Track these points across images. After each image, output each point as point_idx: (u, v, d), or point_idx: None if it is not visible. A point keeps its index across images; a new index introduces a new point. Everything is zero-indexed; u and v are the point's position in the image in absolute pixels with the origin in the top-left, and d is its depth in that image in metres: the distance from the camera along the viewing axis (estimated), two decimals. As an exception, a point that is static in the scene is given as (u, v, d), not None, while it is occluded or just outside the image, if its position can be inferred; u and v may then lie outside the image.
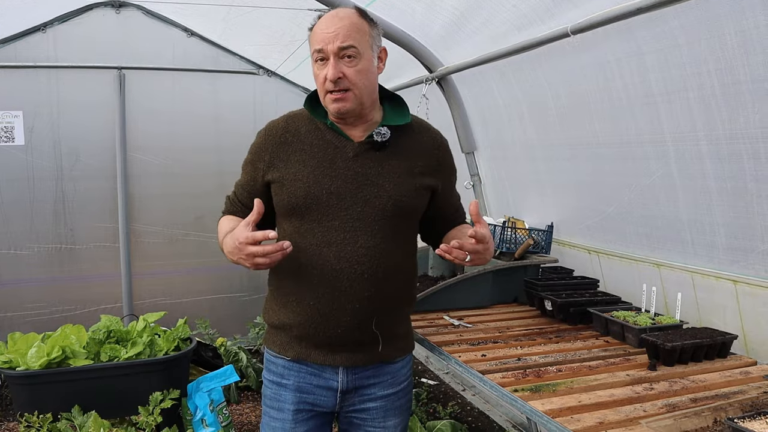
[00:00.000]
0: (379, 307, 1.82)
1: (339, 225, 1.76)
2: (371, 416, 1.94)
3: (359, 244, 1.76)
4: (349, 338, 1.82)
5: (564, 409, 1.84)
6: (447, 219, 2.03)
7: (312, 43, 1.76)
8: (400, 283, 1.88)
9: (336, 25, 1.73)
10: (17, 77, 4.52)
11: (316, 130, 1.83)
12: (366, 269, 1.76)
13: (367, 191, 1.77)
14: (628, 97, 2.55)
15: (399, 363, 1.97)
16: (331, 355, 1.84)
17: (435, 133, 1.96)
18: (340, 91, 1.72)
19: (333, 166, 1.78)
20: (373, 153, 1.80)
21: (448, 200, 2.01)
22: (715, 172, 2.30)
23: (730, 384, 2.04)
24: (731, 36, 2.01)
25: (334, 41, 1.70)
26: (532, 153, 3.38)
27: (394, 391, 1.96)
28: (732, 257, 2.36)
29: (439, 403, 4.29)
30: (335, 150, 1.80)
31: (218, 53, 5.02)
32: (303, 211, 1.77)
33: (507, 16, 2.83)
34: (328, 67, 1.71)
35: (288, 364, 1.90)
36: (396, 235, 1.82)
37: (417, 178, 1.84)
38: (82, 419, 3.01)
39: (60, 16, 4.56)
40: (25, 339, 3.14)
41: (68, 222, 4.75)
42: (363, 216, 1.76)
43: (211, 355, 4.23)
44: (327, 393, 1.89)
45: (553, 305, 2.81)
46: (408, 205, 1.82)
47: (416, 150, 1.87)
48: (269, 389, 1.95)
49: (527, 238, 3.29)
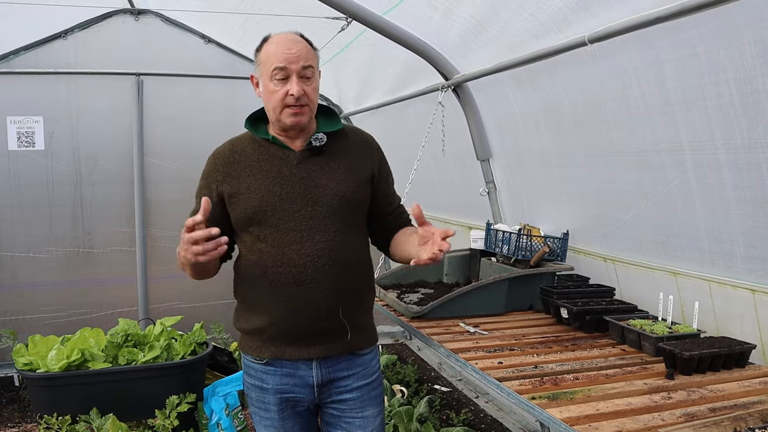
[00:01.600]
0: (344, 296, 1.96)
1: (295, 226, 1.92)
2: (349, 407, 2.06)
3: (316, 239, 1.92)
4: (319, 329, 1.96)
5: (582, 417, 1.84)
6: (390, 217, 2.16)
7: (269, 61, 1.90)
8: (360, 272, 2.04)
9: (297, 46, 1.91)
10: (38, 83, 4.59)
11: (260, 147, 2.00)
12: (326, 261, 1.92)
13: (315, 192, 1.95)
14: (646, 106, 2.55)
15: (368, 355, 2.11)
16: (305, 349, 1.98)
17: (366, 136, 2.15)
18: (299, 106, 1.90)
19: (281, 175, 1.95)
20: (314, 158, 1.98)
21: (387, 197, 2.15)
22: (734, 180, 2.29)
23: (749, 394, 2.03)
24: (750, 45, 2.01)
25: (297, 61, 1.89)
26: (547, 161, 3.38)
27: (367, 382, 2.09)
28: (750, 266, 2.35)
29: (453, 410, 4.29)
30: (280, 160, 1.97)
31: (234, 60, 5.07)
32: (260, 218, 1.93)
33: (524, 25, 2.84)
34: (290, 84, 1.88)
35: (264, 368, 2.03)
36: (348, 228, 1.99)
37: (356, 174, 2.02)
38: (100, 422, 3.04)
39: (80, 23, 4.63)
40: (45, 341, 3.18)
41: (86, 226, 4.81)
42: (314, 215, 1.93)
43: (227, 360, 4.25)
44: (305, 390, 2.02)
45: (569, 313, 2.81)
46: (352, 198, 1.99)
47: (351, 150, 2.06)
48: (253, 392, 2.08)
49: (543, 245, 3.29)
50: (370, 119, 5.11)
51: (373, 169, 2.08)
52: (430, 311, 2.99)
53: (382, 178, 2.12)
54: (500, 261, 3.47)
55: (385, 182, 2.15)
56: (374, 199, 2.10)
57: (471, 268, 3.73)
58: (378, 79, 4.65)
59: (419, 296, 3.33)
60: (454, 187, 4.69)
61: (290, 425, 2.05)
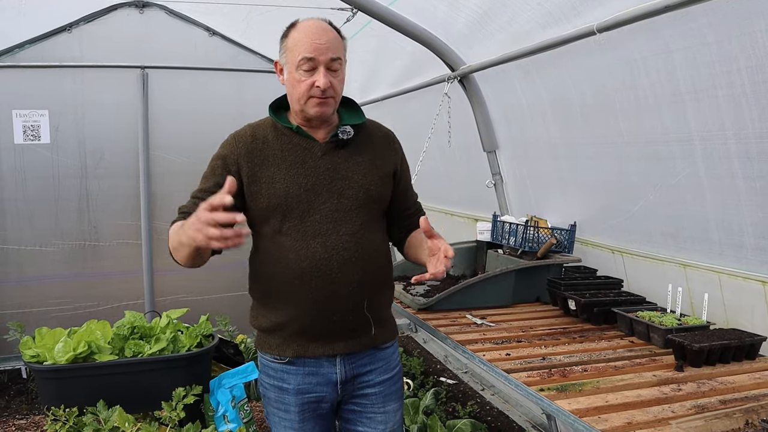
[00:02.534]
0: (368, 290, 1.93)
1: (320, 218, 1.88)
2: (371, 401, 2.03)
3: (342, 232, 1.88)
4: (345, 324, 1.92)
5: (591, 409, 1.83)
6: (407, 212, 2.13)
7: (296, 50, 1.84)
8: (383, 265, 2.00)
9: (327, 36, 1.85)
10: (43, 77, 4.58)
11: (282, 136, 1.94)
12: (352, 254, 1.88)
13: (340, 184, 1.91)
14: (655, 96, 2.52)
15: (390, 348, 2.09)
16: (329, 345, 1.93)
17: (387, 130, 2.13)
18: (325, 98, 1.85)
19: (305, 166, 1.90)
20: (338, 150, 1.94)
21: (406, 192, 2.13)
22: (744, 171, 2.27)
23: (760, 386, 2.01)
24: (762, 33, 1.99)
25: (326, 53, 1.83)
26: (555, 152, 3.36)
27: (389, 376, 2.06)
28: (761, 257, 2.33)
29: (459, 403, 4.29)
30: (304, 151, 1.92)
31: (239, 52, 5.05)
32: (284, 210, 1.87)
33: (531, 15, 2.81)
34: (318, 75, 1.83)
35: (285, 367, 1.97)
36: (371, 222, 1.96)
37: (379, 168, 1.99)
38: (107, 413, 3.04)
39: (85, 16, 4.61)
40: (52, 334, 3.18)
41: (92, 219, 4.81)
42: (340, 207, 1.89)
43: (233, 352, 4.25)
44: (327, 388, 1.98)
45: (577, 305, 2.80)
46: (376, 192, 1.97)
47: (374, 144, 2.03)
48: (272, 392, 2.01)
49: (550, 237, 3.28)
50: (376, 111, 5.09)
51: (396, 164, 2.05)
52: (436, 303, 2.98)
53: (404, 173, 2.11)
54: (507, 253, 3.46)
55: (406, 178, 2.13)
56: (394, 195, 2.07)
57: (477, 260, 3.72)
58: (384, 71, 4.63)
59: (425, 288, 3.32)
60: (460, 178, 4.67)
61: (310, 427, 2.00)
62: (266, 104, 2.02)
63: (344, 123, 1.97)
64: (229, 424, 3.34)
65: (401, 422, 2.11)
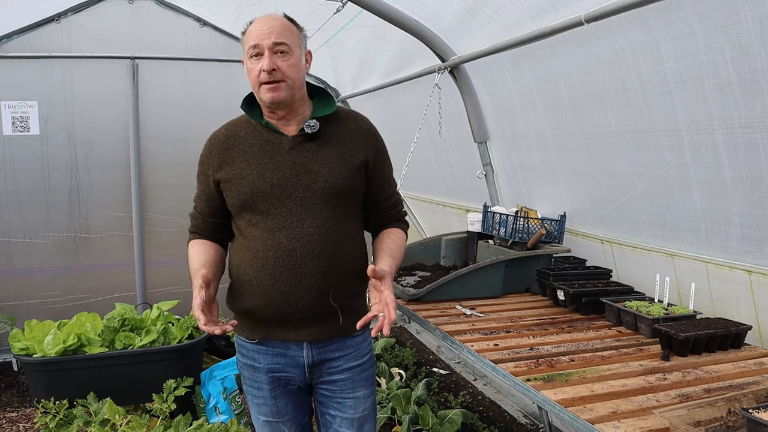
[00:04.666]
0: (334, 281, 1.95)
1: (285, 211, 1.93)
2: (340, 387, 2.07)
3: (306, 225, 1.93)
4: (309, 312, 1.96)
5: (577, 399, 1.85)
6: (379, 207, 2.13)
7: (246, 41, 1.92)
8: (350, 258, 2.01)
9: (270, 23, 1.91)
10: (32, 67, 4.55)
11: (254, 132, 2.00)
12: (316, 246, 1.92)
13: (306, 178, 1.94)
14: (643, 86, 2.53)
15: (360, 336, 2.10)
16: (295, 331, 1.99)
17: (364, 122, 2.11)
18: (274, 82, 1.89)
19: (272, 160, 1.95)
20: (306, 144, 1.97)
21: (380, 185, 2.11)
22: (731, 161, 2.28)
23: (744, 375, 2.03)
24: (748, 23, 1.99)
25: (269, 37, 1.89)
26: (544, 142, 3.36)
27: (358, 363, 2.08)
28: (747, 247, 2.35)
29: (450, 393, 4.30)
30: (273, 146, 1.97)
31: (230, 43, 5.02)
32: (252, 204, 1.94)
33: (520, 5, 2.81)
34: (263, 59, 1.88)
35: (256, 347, 2.05)
36: (339, 215, 1.98)
37: (349, 160, 1.99)
38: (97, 406, 3.05)
39: (74, 6, 4.57)
40: (42, 326, 3.17)
41: (83, 211, 4.79)
42: (305, 201, 1.94)
43: (224, 344, 4.26)
44: (296, 370, 2.04)
45: (566, 295, 2.81)
46: (344, 186, 1.97)
47: (346, 136, 2.03)
48: (246, 371, 2.10)
49: (540, 227, 3.29)
50: (367, 102, 5.07)
51: (368, 156, 2.04)
52: (426, 294, 2.99)
53: (377, 166, 2.08)
54: (497, 243, 3.47)
55: (380, 170, 2.10)
56: (367, 188, 2.07)
57: (468, 250, 3.73)
58: (375, 62, 4.62)
59: (416, 279, 3.33)
60: (451, 169, 4.67)
61: (282, 404, 2.08)
62: (257, 95, 2.01)
63: (314, 114, 2.01)
64: (221, 416, 3.35)
65: (373, 408, 2.15)
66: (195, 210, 2.13)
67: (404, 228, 2.17)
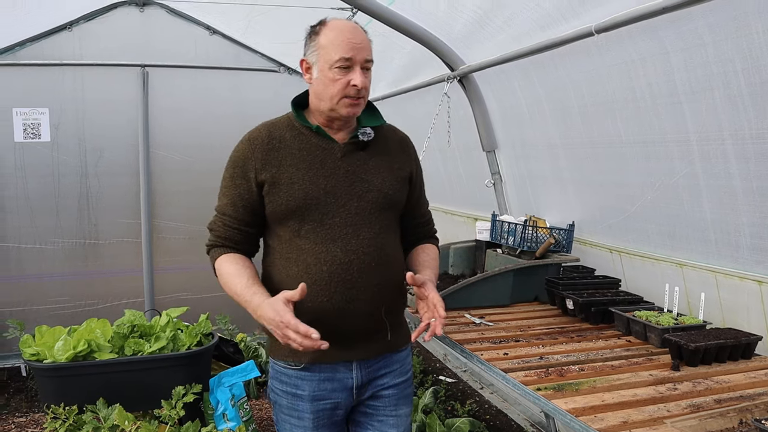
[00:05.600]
0: (386, 295, 1.89)
1: (340, 221, 1.84)
2: (383, 404, 1.99)
3: (362, 236, 1.84)
4: (363, 329, 1.88)
5: (587, 408, 1.85)
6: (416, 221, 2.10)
7: (333, 48, 1.79)
8: (399, 270, 1.96)
9: (360, 36, 1.83)
10: (44, 75, 4.58)
11: (300, 135, 1.90)
12: (373, 258, 1.85)
13: (359, 187, 1.87)
14: (653, 96, 2.53)
15: (404, 351, 2.05)
16: (347, 351, 1.89)
17: (402, 134, 2.09)
18: (358, 98, 1.83)
19: (324, 167, 1.86)
20: (357, 152, 1.91)
21: (419, 199, 2.10)
22: (741, 171, 2.28)
23: (755, 385, 2.03)
24: (759, 35, 2.00)
25: (362, 52, 1.80)
26: (554, 152, 3.37)
27: (403, 379, 2.03)
28: (757, 258, 2.35)
29: (457, 401, 4.30)
30: (324, 152, 1.88)
31: (240, 51, 5.05)
32: (303, 212, 1.83)
33: (530, 15, 2.82)
34: (354, 75, 1.80)
35: (300, 374, 1.92)
36: (389, 226, 1.93)
37: (397, 172, 1.96)
38: (106, 412, 3.05)
39: (85, 14, 4.62)
40: (52, 332, 3.18)
41: (92, 218, 4.81)
42: (360, 210, 1.85)
43: (232, 351, 4.26)
44: (343, 394, 1.93)
45: (575, 304, 2.81)
46: (395, 197, 1.93)
47: (392, 148, 2.00)
48: (284, 399, 1.96)
49: (548, 237, 3.29)
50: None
51: (412, 170, 2.02)
52: (435, 302, 2.99)
53: (418, 180, 2.07)
54: (506, 252, 3.47)
55: (420, 184, 2.09)
56: (408, 201, 2.03)
57: (476, 259, 3.73)
58: (384, 70, 4.64)
59: (424, 287, 3.32)
60: (459, 178, 4.68)
61: None
62: (265, 103, 2.01)
63: (363, 125, 1.93)
64: (229, 423, 3.35)
65: (410, 428, 2.07)
66: (224, 218, 1.94)
67: (438, 245, 2.13)
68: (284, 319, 1.64)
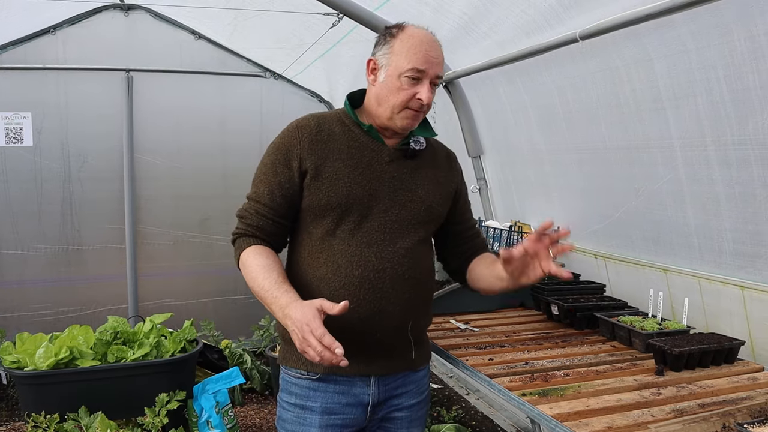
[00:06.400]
0: (414, 310, 1.83)
1: (378, 226, 1.77)
2: (396, 426, 1.91)
3: (398, 246, 1.77)
4: (386, 343, 1.80)
5: (572, 414, 1.84)
6: (467, 236, 2.06)
7: (408, 57, 1.73)
8: (430, 287, 1.91)
9: (438, 51, 1.78)
10: (26, 79, 4.55)
11: (350, 132, 1.82)
12: (406, 270, 1.77)
13: (403, 195, 1.81)
14: (636, 102, 2.55)
15: (422, 371, 1.98)
16: (366, 365, 1.79)
17: (446, 148, 2.05)
18: (420, 112, 1.78)
19: (371, 168, 1.79)
20: (405, 160, 1.84)
21: (466, 214, 2.06)
22: (724, 177, 2.30)
23: (738, 390, 2.04)
24: (741, 42, 2.02)
25: (435, 68, 1.76)
26: (539, 157, 3.38)
27: (418, 400, 1.96)
28: (740, 263, 2.36)
29: (443, 407, 4.29)
30: (372, 153, 1.81)
31: (225, 56, 5.04)
32: (343, 210, 1.75)
33: (515, 21, 2.84)
34: (422, 88, 1.74)
35: (314, 384, 1.81)
36: (426, 240, 1.88)
37: (442, 186, 1.91)
38: (88, 420, 3.02)
39: (69, 18, 4.59)
40: (33, 339, 3.15)
41: (75, 223, 4.77)
42: (400, 219, 1.79)
43: (217, 357, 4.24)
44: (356, 410, 1.83)
45: (560, 310, 2.82)
46: (437, 211, 1.88)
47: (437, 161, 1.94)
48: (289, 412, 1.84)
49: (534, 242, 3.29)
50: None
51: (458, 185, 1.98)
52: (421, 308, 2.98)
53: (463, 195, 2.02)
54: (491, 258, 3.47)
55: (466, 200, 2.04)
56: (454, 217, 1.98)
57: (462, 265, 3.73)
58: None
59: (410, 293, 3.32)
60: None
61: None
62: (251, 108, 1.99)
63: (416, 133, 1.87)
64: (213, 430, 3.33)
65: None
66: (258, 206, 1.79)
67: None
68: (312, 325, 1.50)
